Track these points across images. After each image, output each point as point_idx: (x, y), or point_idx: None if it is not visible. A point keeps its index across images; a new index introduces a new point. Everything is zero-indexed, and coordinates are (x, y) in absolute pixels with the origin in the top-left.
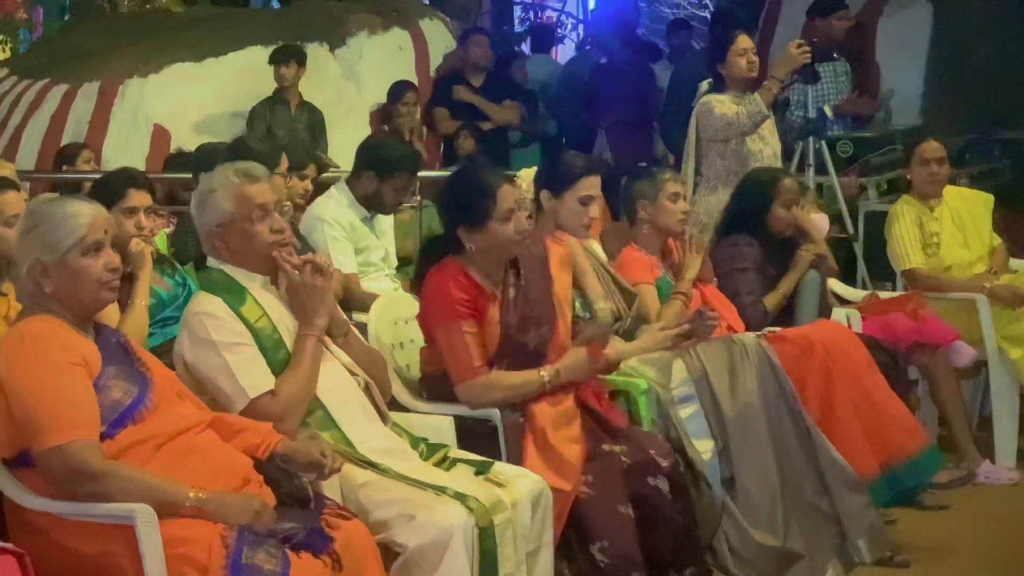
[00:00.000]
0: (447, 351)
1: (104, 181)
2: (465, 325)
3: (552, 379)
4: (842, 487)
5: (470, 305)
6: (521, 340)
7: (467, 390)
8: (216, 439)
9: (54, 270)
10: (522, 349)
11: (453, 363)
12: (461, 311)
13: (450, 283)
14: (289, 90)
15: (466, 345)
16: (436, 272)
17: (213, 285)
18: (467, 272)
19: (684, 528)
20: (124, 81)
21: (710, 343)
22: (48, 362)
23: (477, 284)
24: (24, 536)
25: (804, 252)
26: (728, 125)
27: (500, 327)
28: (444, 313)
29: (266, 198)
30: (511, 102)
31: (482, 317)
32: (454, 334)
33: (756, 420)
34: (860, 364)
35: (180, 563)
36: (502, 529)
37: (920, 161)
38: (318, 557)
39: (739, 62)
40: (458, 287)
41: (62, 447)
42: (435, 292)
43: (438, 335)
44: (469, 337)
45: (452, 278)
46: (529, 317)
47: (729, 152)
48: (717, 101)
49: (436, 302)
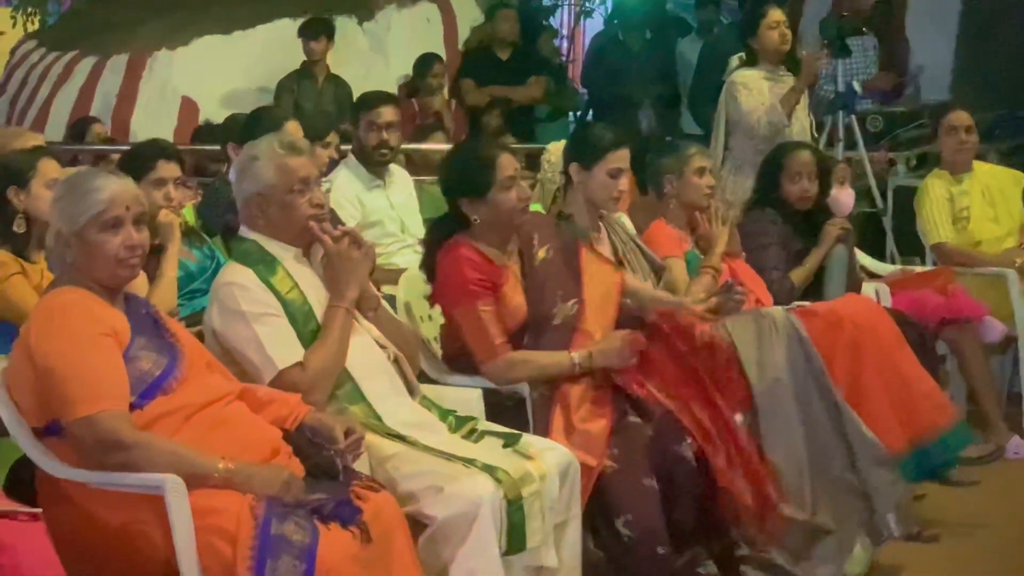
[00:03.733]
0: (468, 333)
1: (134, 153)
2: (482, 304)
3: (583, 363)
4: (871, 462)
5: (485, 282)
6: (546, 313)
7: (493, 369)
8: (245, 410)
9: (73, 242)
10: (547, 323)
11: (475, 344)
12: (477, 290)
13: (462, 263)
14: (317, 63)
15: (486, 325)
16: (447, 252)
17: (244, 255)
18: (477, 248)
19: (708, 499)
20: (152, 54)
21: (739, 317)
22: (77, 333)
23: (488, 259)
24: (54, 505)
25: (831, 227)
26: (748, 123)
27: (524, 296)
28: (460, 295)
29: (308, 172)
30: (536, 77)
31: (497, 290)
32: (472, 315)
33: (784, 394)
34: (889, 339)
35: (209, 533)
36: (530, 501)
37: (948, 131)
38: (346, 528)
39: (771, 35)
40: (471, 266)
41: (92, 417)
42: (449, 274)
43: (457, 317)
44: (487, 316)
45: (464, 258)
46: (553, 291)
47: (753, 127)
48: (744, 85)
49: (451, 284)
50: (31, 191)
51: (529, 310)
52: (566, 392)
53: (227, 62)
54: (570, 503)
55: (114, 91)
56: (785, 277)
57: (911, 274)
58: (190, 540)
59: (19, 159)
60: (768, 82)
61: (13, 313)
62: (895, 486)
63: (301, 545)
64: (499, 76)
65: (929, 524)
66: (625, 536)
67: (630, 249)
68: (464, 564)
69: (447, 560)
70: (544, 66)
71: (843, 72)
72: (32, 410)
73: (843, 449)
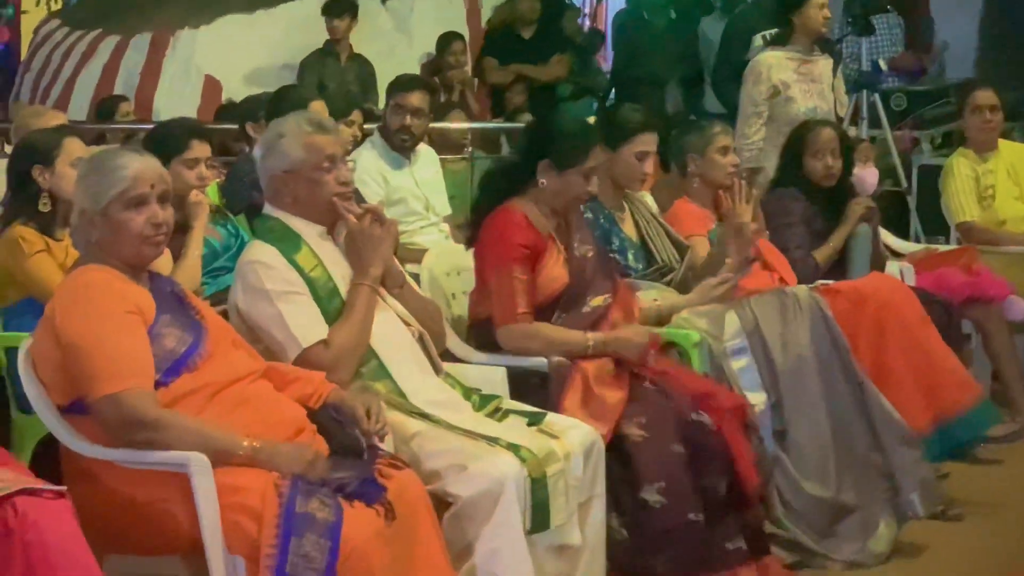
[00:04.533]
0: (496, 292)
1: (166, 132)
2: (518, 270)
3: (597, 347)
4: (895, 441)
5: (527, 250)
6: (578, 300)
7: (507, 333)
8: (269, 388)
9: (98, 220)
10: (577, 308)
11: (499, 304)
12: (518, 255)
13: (512, 227)
14: (340, 42)
15: (515, 290)
16: (499, 214)
17: (268, 233)
18: (527, 216)
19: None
20: (175, 32)
21: (763, 295)
22: (102, 311)
23: (536, 229)
24: (79, 483)
25: (855, 205)
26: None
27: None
28: (501, 256)
29: (335, 149)
30: (559, 56)
31: (538, 261)
32: (505, 277)
33: (808, 373)
34: (913, 318)
35: (234, 511)
36: (554, 480)
37: (973, 109)
38: (371, 506)
39: (817, 15)
40: (518, 231)
41: (116, 395)
42: (496, 233)
43: (490, 276)
44: (519, 283)
45: (513, 222)
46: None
47: (776, 112)
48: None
49: (494, 245)
50: (56, 170)
51: (564, 295)
52: (586, 365)
53: (250, 40)
54: (594, 482)
55: (137, 69)
56: (809, 256)
57: (935, 253)
58: (215, 518)
59: (44, 138)
60: (794, 62)
61: (38, 291)
62: (919, 465)
63: (326, 523)
64: (522, 55)
65: (953, 503)
66: (656, 503)
67: (653, 228)
68: (488, 543)
69: (471, 538)
70: (567, 45)
71: (867, 51)
72: (57, 388)
73: (867, 427)
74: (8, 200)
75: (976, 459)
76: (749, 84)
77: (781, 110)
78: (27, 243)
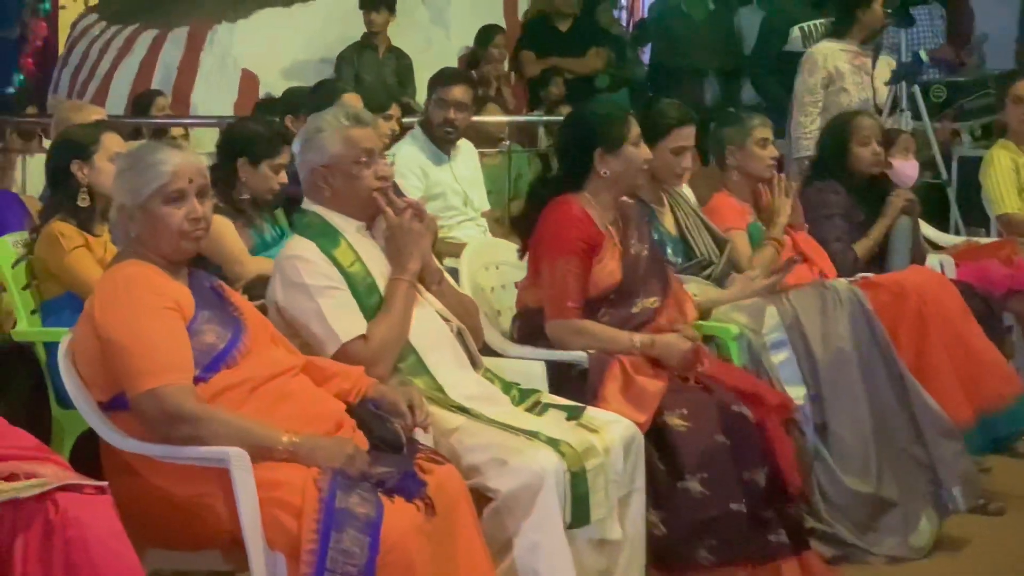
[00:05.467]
0: (549, 284)
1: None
2: (573, 263)
3: (643, 347)
4: (936, 434)
5: (583, 244)
6: (628, 300)
7: (558, 327)
8: (309, 383)
9: (137, 215)
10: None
11: (551, 297)
12: (575, 247)
13: (571, 219)
14: (378, 35)
15: (568, 284)
16: (556, 207)
17: (307, 228)
18: (585, 209)
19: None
20: (213, 26)
21: (802, 288)
22: (142, 306)
23: (593, 222)
24: (119, 478)
25: (895, 198)
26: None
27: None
28: (556, 248)
29: (373, 143)
30: (596, 49)
31: (593, 254)
32: (559, 270)
33: (849, 366)
34: (954, 310)
35: (274, 506)
36: (594, 474)
37: (1014, 100)
38: (411, 501)
39: (880, 12)
40: (576, 224)
41: (156, 390)
42: (554, 224)
43: (544, 267)
44: (572, 276)
45: (572, 215)
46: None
47: (829, 102)
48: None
49: (551, 236)
50: (94, 165)
51: (615, 292)
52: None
53: (287, 34)
54: (634, 476)
55: (175, 64)
56: (849, 248)
57: (976, 245)
58: (255, 513)
59: (82, 133)
60: (849, 55)
61: (77, 286)
62: (961, 459)
63: (366, 518)
64: (559, 47)
65: (994, 497)
66: (699, 494)
67: (692, 222)
68: (528, 537)
69: (511, 533)
70: (604, 37)
71: (907, 42)
72: (97, 383)
73: (908, 421)
74: (48, 195)
75: (1018, 453)
76: (805, 73)
77: (834, 100)
78: (66, 239)
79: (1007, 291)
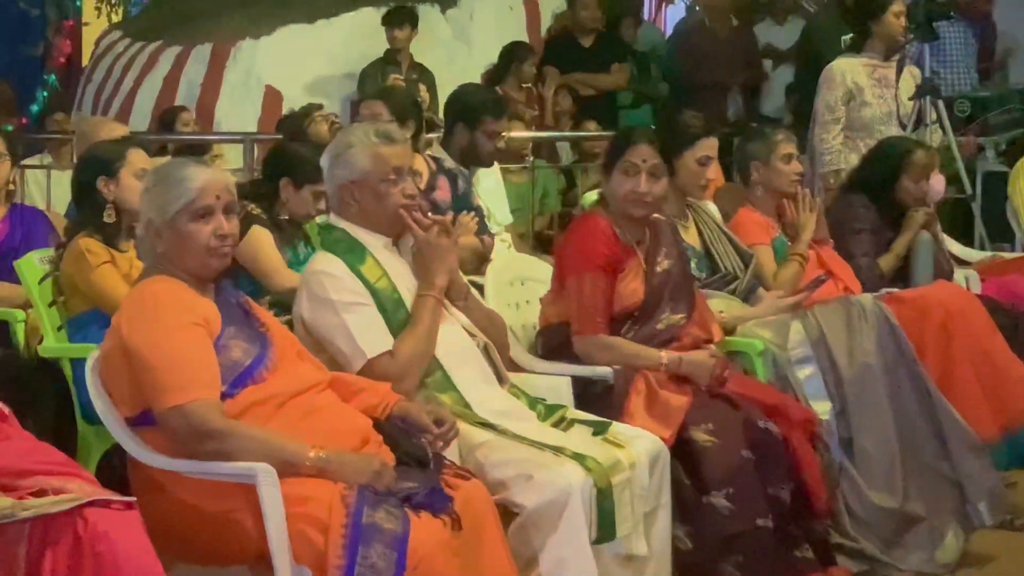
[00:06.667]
0: (576, 299)
1: (308, 161)
2: (599, 278)
3: (671, 365)
4: (963, 449)
5: (609, 259)
6: (654, 316)
7: (585, 343)
8: (335, 399)
9: (164, 232)
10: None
11: (578, 312)
12: (599, 263)
13: (597, 234)
14: (401, 51)
15: (594, 299)
16: (585, 220)
17: (334, 244)
18: (612, 226)
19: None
20: (236, 43)
21: (828, 304)
22: (169, 322)
23: (619, 240)
24: (147, 493)
25: (915, 213)
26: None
27: (641, 285)
28: (582, 262)
29: (402, 161)
30: (619, 65)
31: (619, 270)
32: (586, 285)
33: (874, 381)
34: (980, 326)
35: (301, 521)
36: (620, 489)
37: None
38: (437, 516)
39: (896, 23)
40: (603, 239)
41: (183, 406)
42: (579, 240)
43: (571, 282)
44: (598, 291)
45: (599, 230)
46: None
47: (851, 116)
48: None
49: (577, 250)
50: (120, 181)
51: (639, 309)
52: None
53: (311, 51)
54: (660, 491)
55: (198, 80)
56: (874, 264)
57: (1001, 260)
58: (282, 528)
59: (108, 149)
60: (869, 68)
61: (103, 302)
62: (987, 474)
63: (393, 533)
64: (582, 63)
65: (1021, 512)
66: (725, 509)
67: (717, 237)
68: (554, 552)
69: (537, 548)
70: (627, 52)
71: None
72: (125, 399)
73: (934, 436)
74: (73, 211)
75: None
76: (824, 90)
77: (856, 115)
78: (92, 255)
79: None
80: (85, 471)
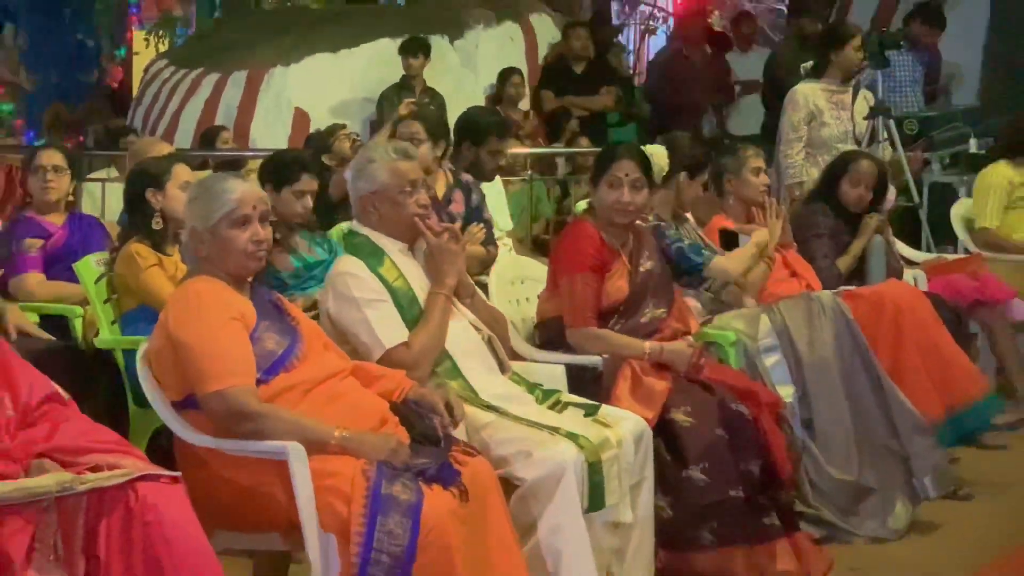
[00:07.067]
0: (567, 297)
1: (279, 162)
2: (587, 277)
3: (653, 354)
4: (910, 430)
5: (596, 260)
6: (638, 311)
7: (578, 336)
8: (357, 385)
9: (207, 238)
10: (636, 318)
11: (570, 308)
12: (588, 263)
13: (584, 238)
14: (415, 77)
15: (583, 296)
16: (575, 226)
17: (357, 249)
18: (599, 231)
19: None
20: (269, 70)
21: (791, 300)
22: (210, 317)
23: (606, 244)
24: (190, 468)
25: (868, 219)
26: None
27: (626, 283)
28: (572, 263)
29: (417, 175)
30: (607, 88)
31: (606, 270)
32: (577, 283)
33: (832, 369)
34: (927, 319)
35: (327, 494)
36: (609, 464)
37: None
38: (448, 489)
39: (855, 55)
40: (590, 242)
41: (223, 392)
42: (570, 243)
43: (564, 281)
44: (587, 289)
45: (586, 234)
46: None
47: (812, 136)
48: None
49: (567, 252)
50: (167, 192)
51: (624, 305)
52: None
53: (335, 77)
54: (643, 466)
55: (235, 103)
56: (833, 265)
57: (945, 261)
58: (310, 500)
59: (156, 164)
60: (827, 93)
61: (151, 300)
62: (932, 451)
63: (408, 504)
64: (575, 87)
65: (963, 484)
66: (700, 482)
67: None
68: (551, 520)
69: (536, 517)
70: (614, 77)
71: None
72: (171, 385)
73: (885, 418)
74: (125, 220)
75: (984, 445)
76: (789, 111)
77: (816, 134)
78: (142, 258)
79: (973, 302)
80: (136, 449)
